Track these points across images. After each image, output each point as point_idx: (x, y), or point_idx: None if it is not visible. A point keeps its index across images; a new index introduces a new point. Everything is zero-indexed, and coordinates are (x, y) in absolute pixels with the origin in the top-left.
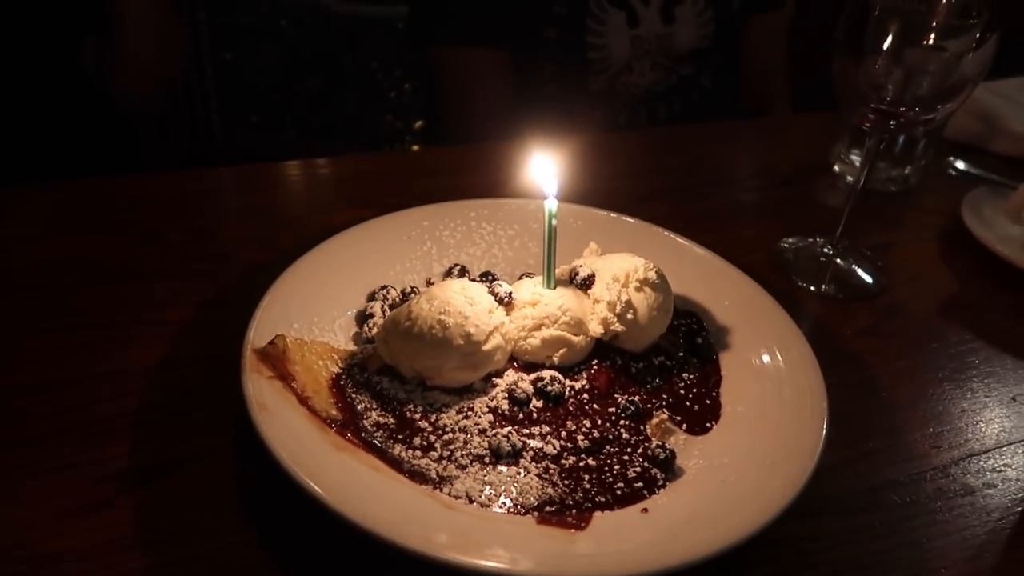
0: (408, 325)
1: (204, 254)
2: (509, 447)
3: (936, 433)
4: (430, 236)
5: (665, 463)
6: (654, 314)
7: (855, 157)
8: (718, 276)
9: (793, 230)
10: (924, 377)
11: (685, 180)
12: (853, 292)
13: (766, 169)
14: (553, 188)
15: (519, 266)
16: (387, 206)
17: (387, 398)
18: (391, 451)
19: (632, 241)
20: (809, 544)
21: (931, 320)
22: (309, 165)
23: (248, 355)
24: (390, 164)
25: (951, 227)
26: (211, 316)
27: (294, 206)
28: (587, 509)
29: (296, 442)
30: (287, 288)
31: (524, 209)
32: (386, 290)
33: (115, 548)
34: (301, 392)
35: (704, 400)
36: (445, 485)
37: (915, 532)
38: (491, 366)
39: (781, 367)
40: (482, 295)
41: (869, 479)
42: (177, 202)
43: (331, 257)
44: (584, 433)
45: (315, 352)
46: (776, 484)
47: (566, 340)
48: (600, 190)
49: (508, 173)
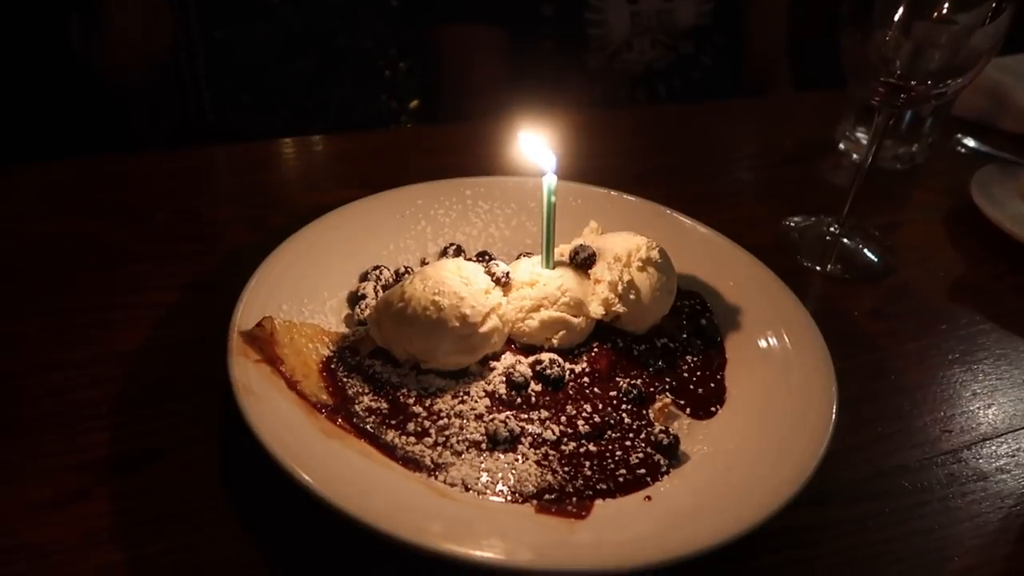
0: (401, 306)
1: (191, 234)
2: (507, 433)
3: (947, 417)
4: (425, 215)
5: (669, 449)
6: (657, 294)
7: (861, 135)
8: (722, 256)
9: (798, 209)
10: (934, 360)
11: (686, 159)
12: (860, 272)
13: (769, 148)
14: (551, 164)
15: (517, 246)
16: (381, 185)
17: (380, 382)
18: (383, 437)
19: (633, 220)
20: (817, 533)
21: (940, 301)
22: (300, 143)
23: (234, 338)
24: (384, 142)
25: (960, 206)
26: (197, 298)
27: (284, 185)
28: (588, 497)
29: (284, 428)
30: (276, 268)
31: (522, 187)
32: (379, 270)
33: (93, 541)
34: (290, 376)
35: (708, 384)
36: (440, 473)
37: (926, 519)
38: (488, 349)
39: (788, 350)
40: (478, 275)
41: (878, 465)
42: (164, 181)
43: (322, 236)
44: (584, 418)
45: (304, 335)
46: (784, 471)
47: (566, 322)
48: (599, 168)
49: (505, 151)
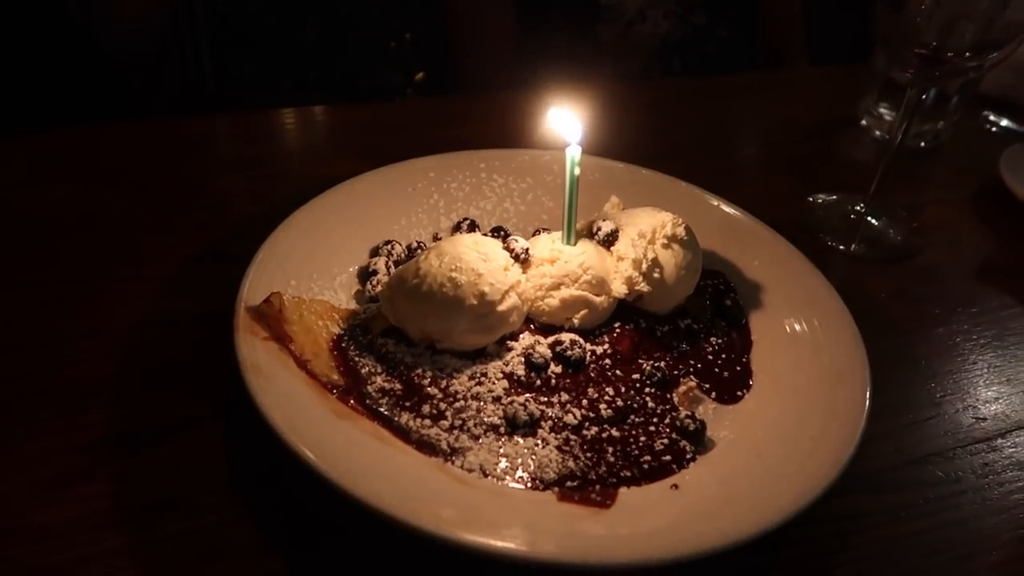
0: (416, 283)
1: (194, 206)
2: (526, 416)
3: (979, 403)
4: (437, 188)
5: (695, 435)
6: (682, 273)
7: (884, 111)
8: (747, 234)
9: (819, 187)
10: (964, 344)
11: (705, 134)
12: (886, 253)
13: (789, 123)
14: (576, 133)
15: (532, 221)
16: (391, 157)
17: (393, 362)
18: (397, 419)
19: (654, 196)
20: (845, 523)
21: (969, 283)
22: (306, 113)
23: (241, 314)
24: (394, 114)
25: (987, 185)
26: (201, 272)
27: (290, 156)
28: (612, 485)
29: (293, 409)
30: (284, 242)
31: (538, 160)
32: (390, 245)
33: (91, 524)
34: (299, 355)
35: (734, 367)
36: (456, 457)
37: (961, 510)
38: (506, 328)
39: (817, 332)
40: (496, 251)
41: (909, 453)
42: (166, 150)
43: (331, 210)
44: (607, 401)
45: (314, 311)
46: (817, 460)
47: (587, 301)
48: (616, 144)
49: (520, 124)
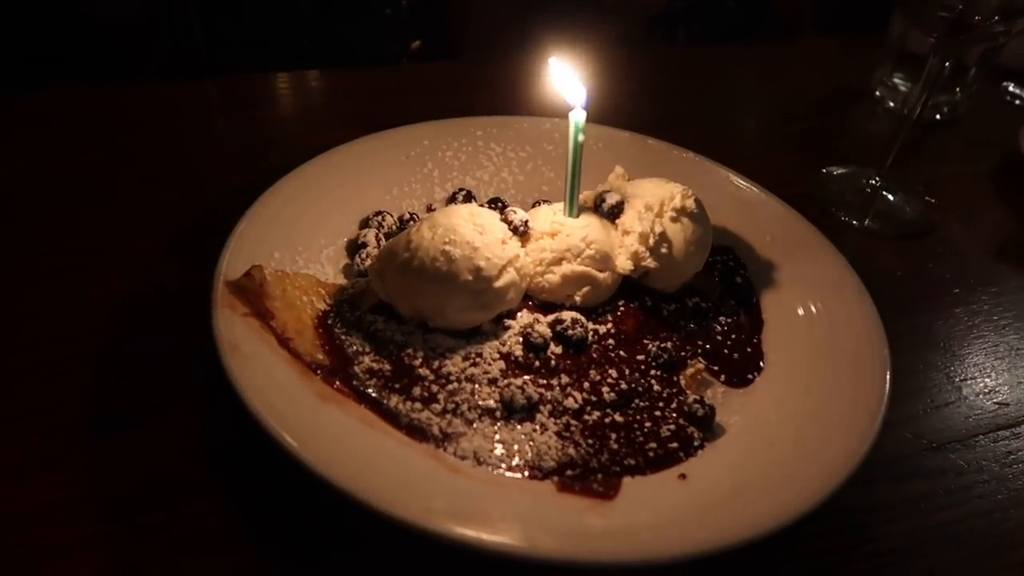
0: (407, 257)
1: (177, 175)
2: (524, 400)
3: (1001, 387)
4: (432, 157)
5: (704, 421)
6: (691, 249)
7: (898, 81)
8: (759, 208)
9: (831, 159)
10: (984, 325)
11: (712, 104)
12: (902, 229)
13: (799, 94)
14: (580, 97)
15: (531, 192)
16: (384, 124)
17: (382, 341)
18: (386, 402)
19: (660, 167)
20: (863, 516)
21: (988, 262)
22: (298, 79)
23: (220, 288)
24: (388, 80)
25: (1007, 160)
26: (183, 245)
27: (281, 123)
28: (615, 474)
29: (274, 390)
30: (267, 212)
31: (537, 128)
32: (381, 216)
33: (62, 513)
34: (281, 332)
35: (744, 348)
36: (449, 443)
37: (984, 502)
38: (503, 306)
39: (833, 312)
40: (494, 223)
41: (929, 440)
42: (149, 116)
43: (319, 178)
44: (610, 384)
45: (299, 286)
46: (834, 449)
47: (590, 277)
48: (619, 112)
49: (519, 91)
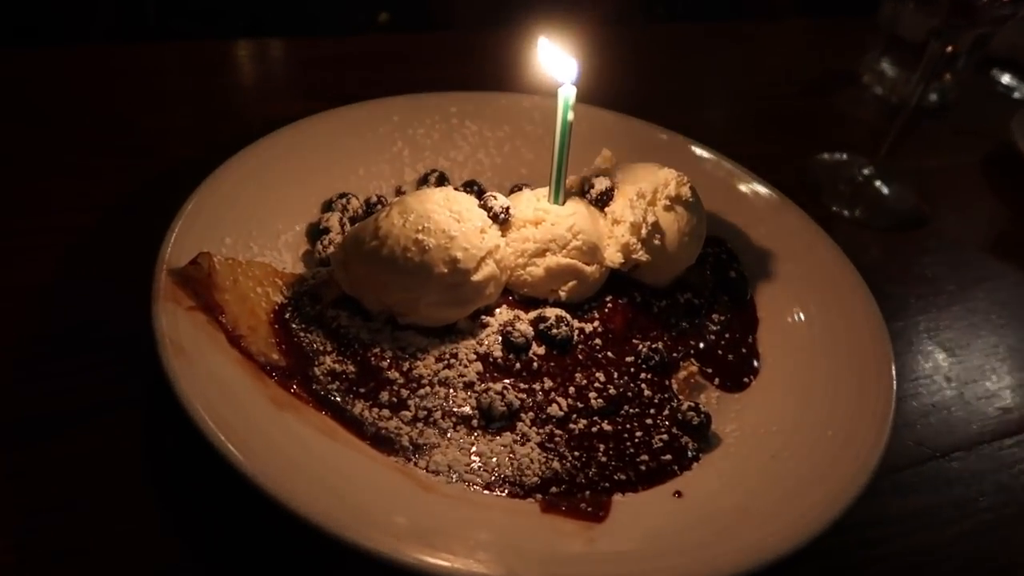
0: (375, 245)
1: (121, 146)
2: (503, 407)
3: (1003, 391)
4: (402, 135)
5: (699, 430)
6: (685, 240)
7: (886, 67)
8: (751, 197)
9: (819, 146)
10: (983, 324)
11: (696, 85)
12: (894, 221)
13: (786, 77)
14: (570, 72)
15: (510, 175)
16: (351, 98)
17: (346, 339)
18: (350, 409)
19: (648, 151)
20: (869, 531)
21: (984, 256)
22: (258, 46)
23: (162, 279)
24: (355, 49)
25: (998, 151)
26: (124, 225)
27: (237, 93)
28: (604, 491)
29: (222, 396)
30: (219, 192)
31: (517, 106)
32: (346, 199)
33: None
34: (232, 329)
35: (739, 348)
36: (420, 456)
37: (993, 515)
38: (481, 301)
39: (832, 310)
40: (472, 210)
41: (932, 448)
42: (93, 82)
43: (277, 155)
44: (597, 389)
45: (252, 276)
46: (843, 461)
47: (576, 270)
48: (600, 92)
49: (498, 66)
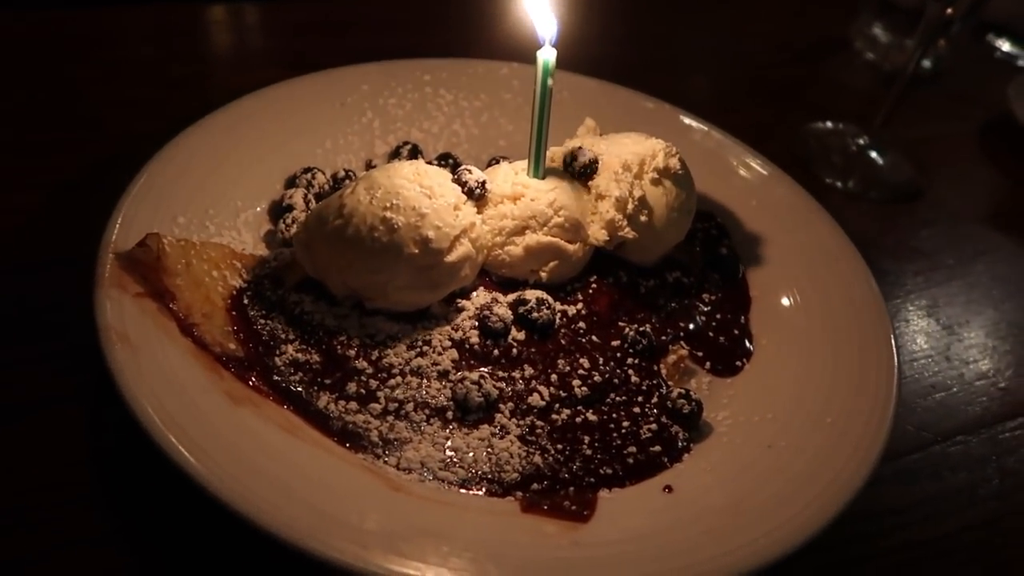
0: (340, 224)
1: (68, 119)
2: (480, 397)
3: (1004, 371)
4: (371, 105)
5: (690, 418)
6: (674, 216)
7: (878, 32)
8: (742, 169)
9: (811, 115)
10: (983, 299)
11: (683, 51)
12: (890, 192)
13: (775, 42)
14: (550, 32)
15: (487, 147)
16: (316, 65)
17: (310, 325)
18: (314, 402)
19: (634, 120)
20: (870, 524)
21: (982, 228)
22: (221, 10)
23: (106, 263)
24: (322, 13)
25: (995, 119)
26: (69, 204)
27: (194, 60)
28: (589, 487)
29: (171, 390)
30: (171, 167)
31: (494, 74)
32: (311, 174)
33: None
34: (184, 316)
35: (731, 330)
36: (391, 453)
37: (996, 503)
38: (456, 284)
39: (828, 287)
40: (445, 185)
41: (933, 432)
42: (35, 49)
43: (236, 127)
44: (581, 376)
45: (207, 259)
46: (842, 451)
47: (558, 249)
48: (585, 58)
49: (473, 30)
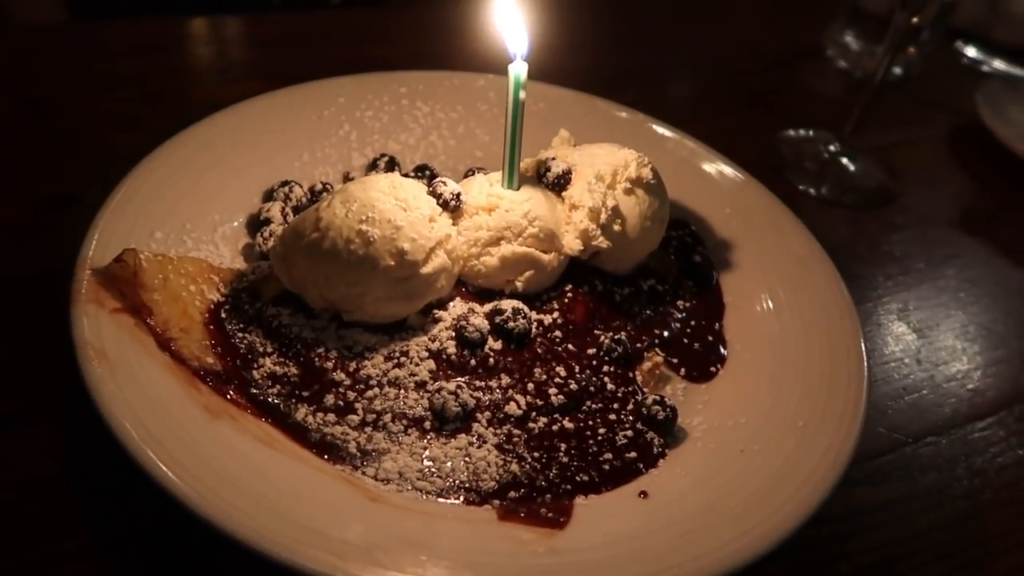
0: (316, 237)
1: (43, 134)
2: (457, 407)
3: (973, 373)
4: (348, 117)
5: (665, 425)
6: (647, 225)
7: (850, 40)
8: (716, 177)
9: (784, 122)
10: (952, 302)
11: (659, 59)
12: (861, 198)
13: (747, 50)
14: (521, 46)
15: (464, 159)
16: (293, 78)
17: (287, 338)
18: (292, 415)
19: (609, 130)
20: (840, 525)
21: (952, 232)
22: (195, 24)
23: (83, 279)
24: (299, 27)
25: (964, 124)
26: (45, 219)
27: (171, 75)
28: (566, 493)
29: (148, 405)
30: (148, 182)
31: (471, 86)
32: (289, 187)
33: None
34: (162, 331)
35: (705, 336)
36: (369, 464)
37: (966, 503)
38: (432, 295)
39: (800, 293)
40: (420, 197)
41: (903, 434)
42: (12, 64)
43: (214, 141)
44: (558, 385)
45: (185, 273)
46: (814, 453)
47: (533, 259)
48: (560, 68)
49: (450, 42)
